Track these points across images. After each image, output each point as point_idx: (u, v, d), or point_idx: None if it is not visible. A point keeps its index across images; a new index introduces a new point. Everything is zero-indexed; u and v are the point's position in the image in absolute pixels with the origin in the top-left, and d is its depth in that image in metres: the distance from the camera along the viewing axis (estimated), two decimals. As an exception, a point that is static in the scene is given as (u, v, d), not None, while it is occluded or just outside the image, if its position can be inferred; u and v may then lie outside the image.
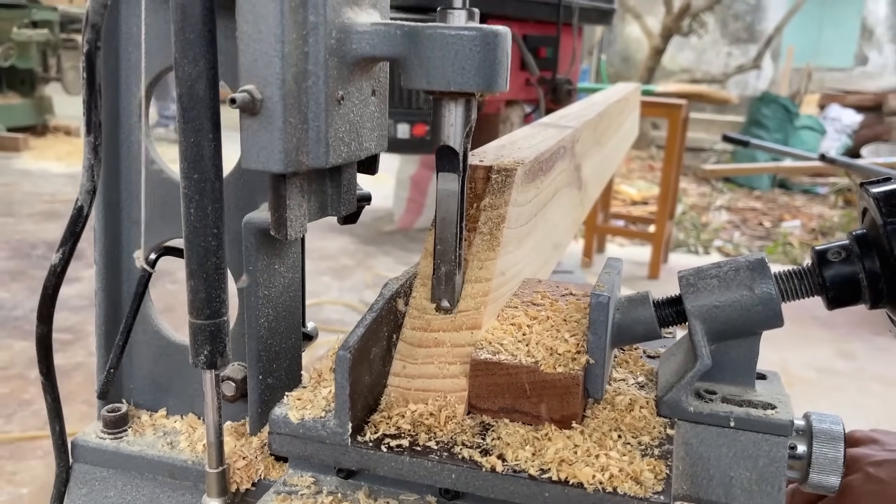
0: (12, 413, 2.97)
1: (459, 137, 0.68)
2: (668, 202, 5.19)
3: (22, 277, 4.41)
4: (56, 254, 0.76)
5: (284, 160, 0.62)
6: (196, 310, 0.67)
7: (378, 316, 0.68)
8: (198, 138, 0.62)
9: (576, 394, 0.67)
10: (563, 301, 0.80)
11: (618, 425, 0.69)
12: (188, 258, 0.66)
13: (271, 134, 0.62)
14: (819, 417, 0.71)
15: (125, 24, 0.77)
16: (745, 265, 0.71)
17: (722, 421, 0.68)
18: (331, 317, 4.11)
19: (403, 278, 0.75)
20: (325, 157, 0.65)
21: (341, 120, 0.66)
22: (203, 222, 0.64)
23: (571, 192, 1.23)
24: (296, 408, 0.68)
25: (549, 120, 1.33)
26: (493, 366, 0.69)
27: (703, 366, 0.67)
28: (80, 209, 0.74)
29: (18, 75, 8.47)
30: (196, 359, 0.68)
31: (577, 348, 0.70)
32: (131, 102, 0.79)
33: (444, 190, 0.71)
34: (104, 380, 0.84)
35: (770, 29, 12.33)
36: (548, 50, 2.65)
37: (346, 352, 0.63)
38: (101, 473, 0.83)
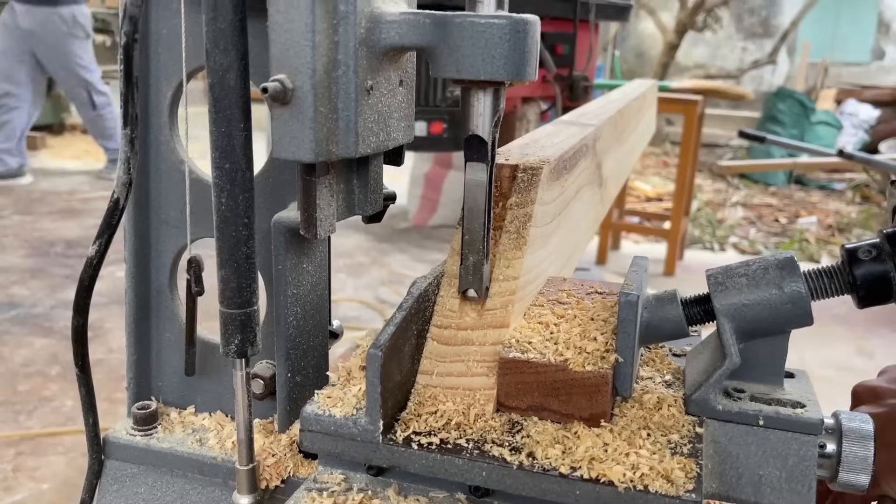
0: (33, 409, 3.01)
1: (488, 126, 0.68)
2: (684, 198, 5.17)
3: (41, 275, 4.46)
4: (92, 246, 0.77)
5: (315, 149, 0.62)
6: (227, 299, 0.67)
7: (407, 315, 0.69)
8: (229, 128, 0.63)
9: (605, 392, 0.67)
10: (588, 299, 0.80)
11: (647, 423, 0.69)
12: (219, 248, 0.66)
13: (302, 123, 0.62)
14: (849, 416, 0.71)
15: (155, 25, 0.78)
16: (775, 264, 0.71)
17: (751, 419, 0.68)
18: (347, 314, 4.12)
19: (431, 277, 0.75)
20: (355, 146, 0.65)
21: (370, 110, 0.67)
22: (234, 212, 0.65)
23: (592, 189, 1.24)
24: (327, 405, 0.68)
25: (570, 118, 1.33)
26: (522, 364, 0.69)
27: (731, 364, 0.67)
28: (116, 202, 0.75)
29: (36, 75, 8.53)
30: (227, 348, 0.69)
31: (605, 347, 0.70)
32: (161, 102, 0.80)
33: (472, 180, 0.71)
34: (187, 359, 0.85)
35: (786, 23, 12.24)
36: (565, 47, 2.64)
37: (378, 350, 0.63)
38: (131, 470, 0.84)
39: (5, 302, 4.05)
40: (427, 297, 0.74)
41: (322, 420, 0.67)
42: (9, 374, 3.27)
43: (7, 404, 3.03)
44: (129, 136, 0.72)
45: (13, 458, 2.69)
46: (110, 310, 3.93)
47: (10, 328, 3.73)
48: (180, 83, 0.79)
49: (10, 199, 6.15)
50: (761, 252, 6.02)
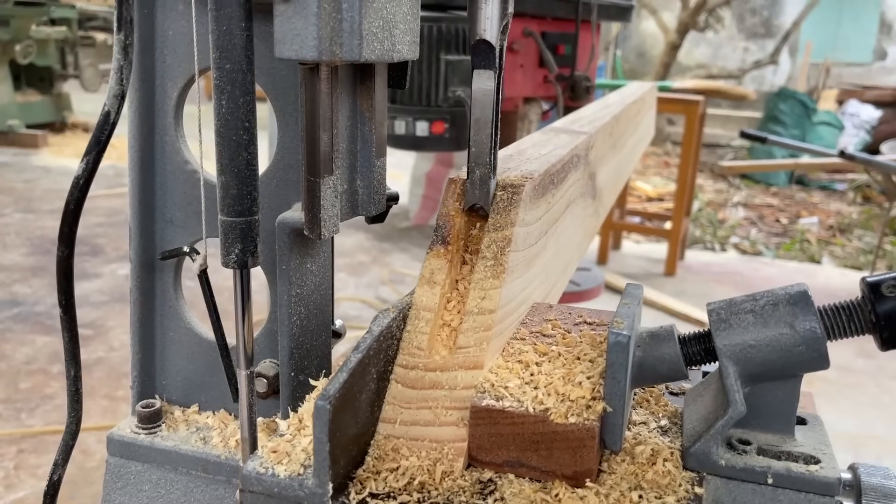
0: (35, 407, 3.01)
1: (496, 30, 0.66)
2: (685, 198, 5.17)
3: (42, 273, 4.46)
4: (80, 164, 0.72)
5: (318, 47, 0.60)
6: (227, 206, 0.64)
7: (364, 357, 0.61)
8: (230, 26, 0.60)
9: (591, 447, 0.59)
10: (576, 331, 0.72)
11: (638, 482, 0.61)
12: (219, 153, 0.64)
13: (305, 20, 0.60)
14: (868, 470, 0.62)
15: (160, 27, 0.79)
16: (785, 299, 0.63)
17: (758, 477, 0.60)
18: (348, 313, 4.13)
19: (395, 311, 0.68)
20: (359, 49, 0.63)
21: (375, 14, 0.64)
22: (234, 115, 0.62)
23: (585, 202, 1.15)
24: (271, 462, 0.60)
25: (561, 124, 1.26)
26: (497, 414, 0.61)
27: (736, 413, 0.60)
28: (106, 115, 0.71)
29: (37, 72, 8.56)
30: (226, 258, 0.66)
31: (591, 393, 0.62)
32: (166, 104, 0.81)
33: (479, 89, 0.68)
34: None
35: (788, 24, 12.23)
36: (566, 47, 2.64)
37: (326, 402, 0.55)
38: (135, 467, 0.84)
39: (7, 300, 4.06)
40: (391, 333, 0.66)
41: (264, 481, 0.59)
42: (11, 372, 3.28)
43: (9, 402, 3.04)
44: (123, 42, 0.69)
45: (15, 456, 2.70)
46: (112, 308, 3.94)
47: (12, 326, 3.74)
48: (185, 84, 0.80)
49: (12, 197, 6.16)
50: (762, 252, 6.03)
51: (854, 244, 6.37)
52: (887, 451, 2.99)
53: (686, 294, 4.62)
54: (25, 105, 8.34)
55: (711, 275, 5.14)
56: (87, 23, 10.55)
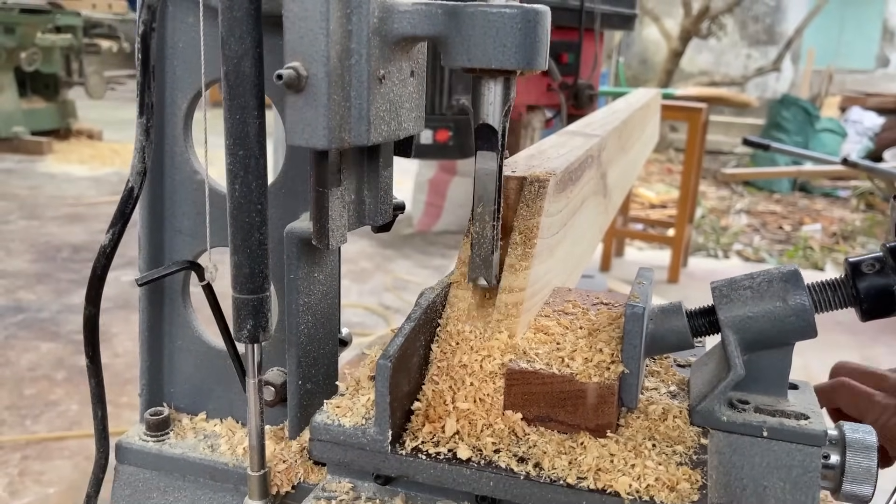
0: (39, 413, 3.02)
1: (499, 115, 0.69)
2: (688, 206, 5.18)
3: (47, 280, 4.48)
4: (106, 234, 0.76)
5: (328, 136, 0.63)
6: (239, 285, 0.68)
7: (416, 325, 0.69)
8: (243, 115, 0.63)
9: (611, 403, 0.68)
10: (594, 310, 0.81)
11: (652, 434, 0.69)
12: (232, 234, 0.67)
13: (316, 110, 0.62)
14: (852, 427, 0.71)
15: (171, 39, 0.80)
16: (779, 276, 0.71)
17: (755, 430, 0.67)
18: (351, 320, 4.14)
19: (439, 288, 0.76)
20: (367, 134, 0.66)
21: (382, 99, 0.67)
22: (247, 198, 0.65)
23: (597, 199, 1.24)
24: (336, 415, 0.69)
25: (575, 128, 1.34)
26: (529, 375, 0.70)
27: (736, 375, 0.67)
28: (130, 190, 0.75)
29: (42, 80, 8.60)
30: (239, 333, 0.69)
31: (611, 358, 0.70)
32: (175, 115, 0.82)
33: (482, 169, 0.71)
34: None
35: (790, 31, 12.25)
36: (570, 55, 2.66)
37: (387, 361, 0.64)
38: (144, 475, 0.85)
39: (12, 306, 4.08)
40: (435, 308, 0.74)
41: (331, 430, 0.67)
42: (15, 378, 3.29)
43: (13, 408, 3.05)
44: (145, 125, 0.72)
45: (19, 462, 2.70)
46: (116, 314, 3.95)
47: (16, 332, 3.75)
48: (195, 96, 0.81)
49: (17, 203, 6.18)
50: (765, 259, 6.03)
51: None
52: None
53: (689, 301, 4.57)
54: (30, 112, 8.37)
55: (714, 282, 5.11)
56: (92, 30, 10.62)
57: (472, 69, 0.67)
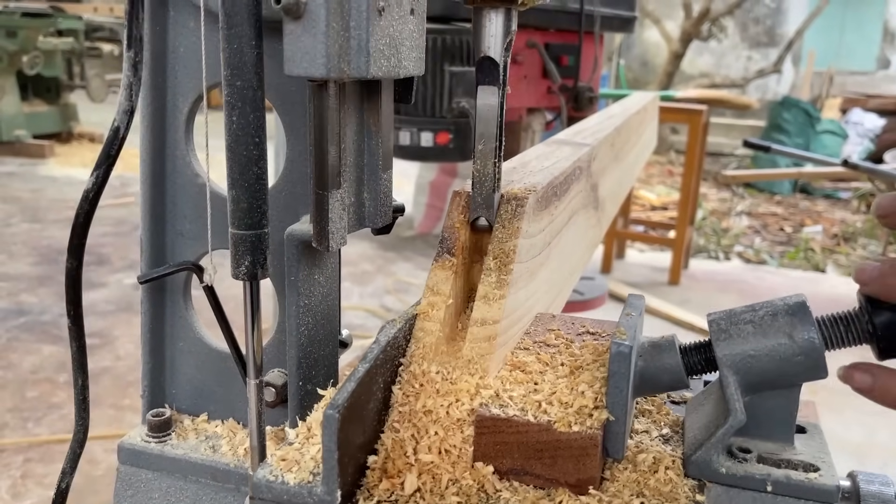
0: (42, 416, 3.03)
1: (500, 47, 0.67)
2: (689, 207, 5.18)
3: (49, 283, 4.49)
4: (90, 178, 0.74)
5: (327, 65, 0.62)
6: (237, 220, 0.66)
7: (372, 367, 0.62)
8: (240, 44, 0.62)
9: (594, 455, 0.61)
10: (578, 342, 0.73)
11: (641, 489, 0.62)
12: (230, 167, 0.65)
13: (314, 38, 0.61)
14: (867, 478, 0.63)
15: (172, 44, 0.80)
16: (784, 309, 0.64)
17: (758, 485, 0.61)
18: (352, 322, 4.15)
19: (401, 322, 0.69)
20: (367, 66, 0.65)
21: (382, 32, 0.66)
22: (245, 130, 0.64)
23: (588, 213, 1.16)
24: (281, 470, 0.61)
25: (564, 136, 1.27)
26: (502, 423, 0.62)
27: (736, 422, 0.61)
28: (116, 130, 0.72)
29: (44, 83, 8.62)
30: (237, 270, 0.67)
31: (594, 403, 0.63)
32: (177, 119, 0.82)
33: (483, 104, 0.69)
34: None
35: (791, 32, 12.26)
36: (570, 58, 2.66)
37: (335, 411, 0.56)
38: (146, 476, 0.86)
39: (14, 309, 4.09)
40: (397, 344, 0.68)
41: (274, 488, 0.60)
42: (17, 381, 3.30)
43: (16, 411, 3.06)
44: (133, 59, 0.70)
45: (22, 465, 2.71)
46: (118, 317, 3.96)
47: (18, 335, 3.77)
48: (196, 99, 0.82)
49: (19, 206, 6.20)
50: (766, 261, 6.03)
51: (858, 253, 6.37)
52: (892, 459, 2.98)
53: (690, 303, 4.62)
54: (32, 115, 8.39)
55: (715, 284, 5.14)
56: (94, 34, 10.64)
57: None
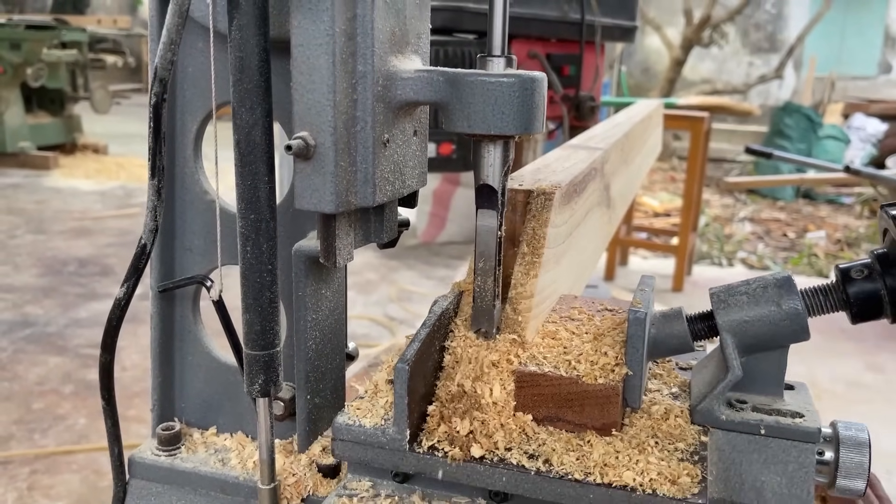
0: (48, 427, 3.04)
1: (498, 176, 0.72)
2: (692, 214, 5.19)
3: (54, 294, 4.50)
4: (120, 288, 0.80)
5: (335, 201, 0.67)
6: (251, 342, 0.71)
7: (431, 331, 0.72)
8: (255, 181, 0.67)
9: (616, 403, 0.71)
10: (598, 316, 0.84)
11: (655, 433, 0.73)
12: (244, 293, 0.70)
13: (323, 177, 0.66)
14: (845, 425, 0.75)
15: (181, 64, 0.82)
16: (773, 282, 0.75)
17: (753, 428, 0.71)
18: (356, 331, 4.15)
19: (451, 296, 0.79)
20: (372, 196, 0.70)
21: (387, 161, 0.71)
22: (258, 259, 0.69)
23: (601, 210, 1.28)
24: (357, 416, 0.72)
25: (578, 142, 1.38)
26: (538, 377, 0.73)
27: (734, 376, 0.71)
28: (143, 247, 0.78)
29: (48, 95, 8.66)
30: (250, 388, 0.72)
31: (615, 361, 0.74)
32: (186, 137, 0.84)
33: (483, 226, 0.74)
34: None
35: (792, 38, 12.27)
36: (571, 68, 2.68)
37: (405, 364, 0.67)
38: (156, 489, 0.87)
39: (19, 321, 4.10)
40: (447, 314, 0.78)
41: (353, 430, 0.71)
42: (23, 393, 3.31)
43: (22, 422, 3.07)
44: (156, 186, 0.76)
45: (28, 476, 2.72)
46: (123, 328, 3.96)
47: (24, 347, 3.77)
48: (204, 119, 0.83)
49: (24, 218, 6.22)
50: (770, 267, 6.03)
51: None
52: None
53: (694, 309, 4.60)
54: (36, 127, 8.43)
55: (719, 290, 5.11)
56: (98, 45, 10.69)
57: (472, 134, 0.70)
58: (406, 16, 0.72)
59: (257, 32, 0.64)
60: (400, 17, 0.71)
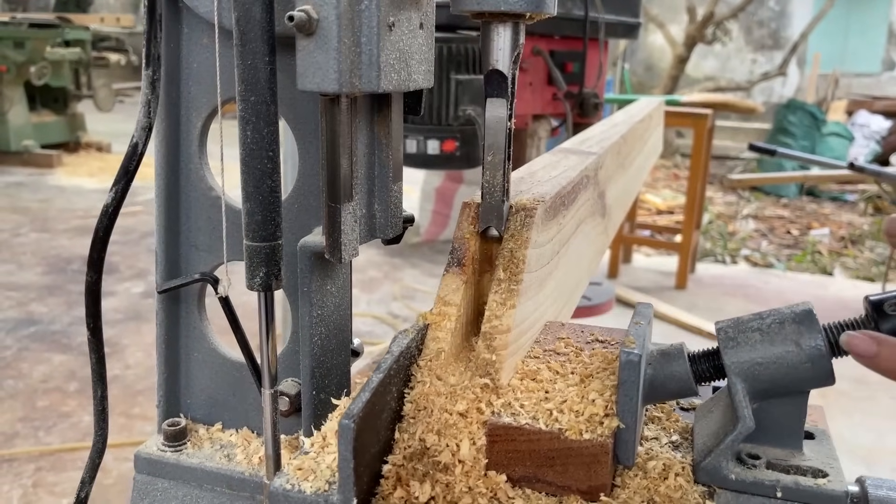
0: (52, 425, 3.05)
1: (508, 61, 0.69)
2: (695, 211, 5.18)
3: (58, 292, 4.52)
4: (109, 193, 0.76)
5: (339, 80, 0.63)
6: (252, 232, 0.68)
7: (386, 377, 0.63)
8: (254, 60, 0.64)
9: (604, 462, 0.62)
10: (587, 350, 0.75)
11: (651, 496, 0.63)
12: (244, 181, 0.67)
13: (326, 54, 0.63)
14: (875, 483, 0.63)
15: (186, 60, 0.82)
16: (791, 317, 0.65)
17: (768, 491, 0.62)
18: (360, 329, 4.15)
19: (413, 332, 0.71)
20: (377, 80, 0.66)
21: (392, 46, 0.67)
22: (259, 144, 0.66)
23: (595, 220, 1.17)
24: (297, 479, 0.62)
25: (570, 145, 1.29)
26: (514, 431, 0.63)
27: (745, 428, 0.62)
28: (134, 146, 0.75)
29: (52, 93, 8.68)
30: (251, 281, 0.69)
31: (605, 410, 0.64)
32: (191, 133, 0.84)
33: (492, 116, 0.71)
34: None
35: (795, 35, 12.24)
36: (574, 65, 2.68)
37: (350, 421, 0.57)
38: (162, 485, 0.87)
39: (24, 319, 4.11)
40: (409, 353, 0.69)
41: (291, 497, 0.61)
42: (28, 391, 3.32)
43: (27, 420, 3.08)
44: (151, 77, 0.72)
45: (33, 474, 2.73)
46: (126, 326, 3.98)
47: (28, 345, 3.79)
48: (209, 114, 0.83)
49: (28, 216, 6.24)
50: (773, 265, 6.02)
51: (866, 255, 6.36)
52: (902, 463, 2.97)
53: (697, 307, 4.62)
54: (40, 125, 8.45)
55: (722, 288, 5.13)
56: (101, 44, 10.71)
57: (481, 13, 0.67)
58: None
59: (262, 27, 0.64)
60: None
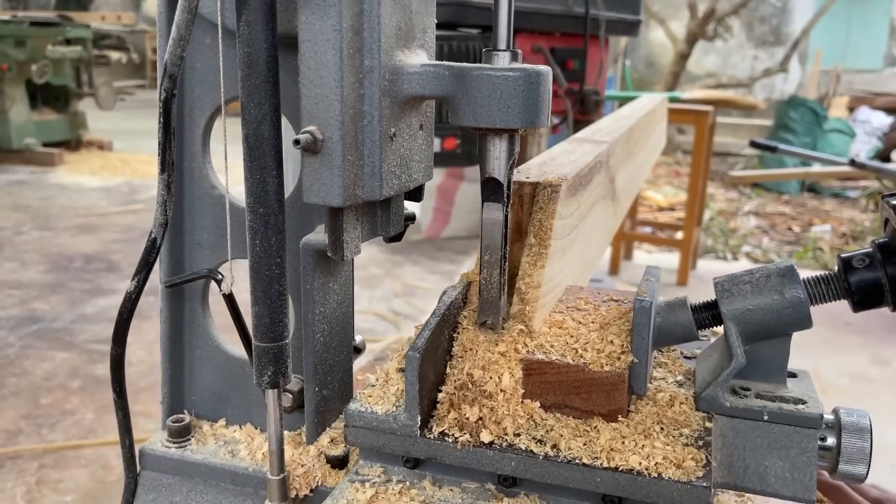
0: (55, 423, 3.06)
1: (504, 170, 0.73)
2: (696, 208, 5.18)
3: (61, 290, 4.53)
4: (131, 282, 0.81)
5: (343, 195, 0.68)
6: (260, 333, 0.72)
7: (441, 320, 0.74)
8: (263, 175, 0.67)
9: (622, 390, 0.73)
10: (604, 307, 0.86)
11: (660, 419, 0.74)
12: (253, 286, 0.71)
13: (331, 171, 0.67)
14: (847, 411, 0.76)
15: (189, 60, 0.83)
16: (776, 272, 0.76)
17: (756, 415, 0.72)
18: (361, 326, 4.16)
19: (460, 286, 0.81)
20: (379, 190, 0.70)
21: (393, 155, 0.72)
22: (267, 252, 0.69)
23: (606, 203, 1.29)
24: (369, 403, 0.74)
25: (583, 135, 1.39)
26: (546, 365, 0.75)
27: (738, 364, 0.73)
28: (153, 241, 0.79)
29: (53, 91, 8.68)
30: (260, 379, 0.73)
31: (621, 349, 0.75)
32: (194, 132, 0.85)
33: (489, 219, 0.75)
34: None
35: (797, 31, 12.23)
36: (575, 62, 2.68)
37: (416, 352, 0.69)
38: (167, 480, 0.88)
39: (27, 317, 4.12)
40: (456, 304, 0.79)
41: (365, 416, 0.73)
42: (31, 388, 3.33)
43: (30, 417, 3.09)
44: (166, 181, 0.77)
45: (36, 471, 2.74)
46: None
47: (31, 342, 3.80)
48: (213, 114, 0.84)
49: (30, 214, 6.25)
50: (774, 261, 6.02)
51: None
52: (903, 459, 2.98)
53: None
54: (42, 124, 8.45)
55: (724, 284, 5.11)
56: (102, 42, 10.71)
57: (478, 127, 0.70)
58: (412, 10, 0.73)
59: (265, 28, 0.65)
60: (406, 11, 0.72)
